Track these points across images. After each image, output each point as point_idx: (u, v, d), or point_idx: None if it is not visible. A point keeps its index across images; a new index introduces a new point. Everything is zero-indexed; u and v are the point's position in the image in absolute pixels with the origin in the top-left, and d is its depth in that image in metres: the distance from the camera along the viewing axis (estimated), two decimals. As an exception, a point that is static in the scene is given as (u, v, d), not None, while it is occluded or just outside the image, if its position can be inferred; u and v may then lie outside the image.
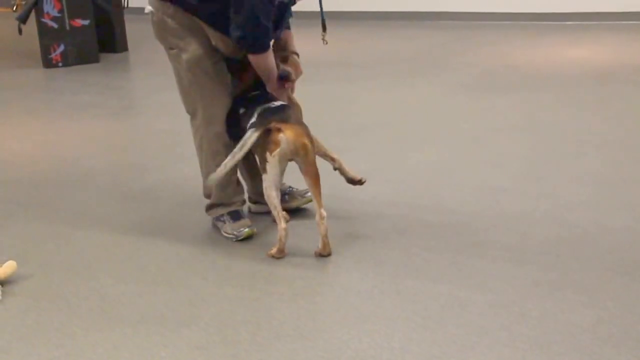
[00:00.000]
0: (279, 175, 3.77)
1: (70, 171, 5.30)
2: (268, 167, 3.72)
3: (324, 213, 3.75)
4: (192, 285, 3.60)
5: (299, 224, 4.16)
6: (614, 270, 3.56)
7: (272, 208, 3.78)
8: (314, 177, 3.77)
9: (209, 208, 4.19)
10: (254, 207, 4.39)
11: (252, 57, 3.86)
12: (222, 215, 4.11)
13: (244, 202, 4.23)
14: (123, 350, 3.07)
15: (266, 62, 3.89)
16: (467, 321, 3.18)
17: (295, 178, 4.18)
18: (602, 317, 3.17)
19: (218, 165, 3.84)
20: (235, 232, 4.03)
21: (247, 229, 4.04)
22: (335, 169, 4.21)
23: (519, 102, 6.67)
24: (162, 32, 3.96)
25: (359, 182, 4.25)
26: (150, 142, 5.93)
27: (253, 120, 3.78)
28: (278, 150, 3.68)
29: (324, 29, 4.18)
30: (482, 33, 10.33)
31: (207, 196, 4.19)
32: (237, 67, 4.04)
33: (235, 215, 4.07)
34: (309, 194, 4.19)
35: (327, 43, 4.17)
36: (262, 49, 3.83)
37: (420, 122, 6.18)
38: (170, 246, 4.02)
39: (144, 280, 3.65)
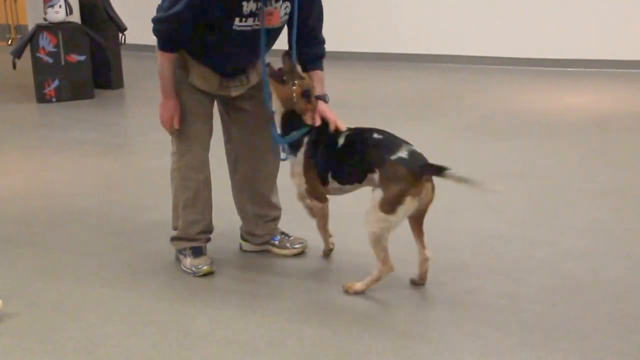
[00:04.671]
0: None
1: (62, 208, 5.25)
2: (400, 209, 3.65)
3: (428, 254, 3.88)
4: (181, 327, 3.54)
5: (294, 273, 4.13)
6: (609, 320, 3.52)
7: (379, 254, 3.77)
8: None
9: (173, 239, 4.24)
10: (244, 245, 4.40)
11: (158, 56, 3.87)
12: (185, 249, 4.16)
13: (208, 239, 4.24)
14: (109, 394, 3.02)
15: (161, 65, 3.86)
16: (460, 370, 3.12)
17: (288, 225, 4.14)
18: (598, 368, 3.12)
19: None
20: (193, 268, 4.07)
21: (206, 267, 4.08)
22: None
23: (518, 147, 6.66)
24: None
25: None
26: (143, 181, 5.91)
27: (403, 156, 3.75)
28: (419, 197, 3.67)
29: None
30: (481, 77, 10.36)
31: (174, 228, 4.23)
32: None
33: (197, 252, 4.10)
34: (298, 245, 4.30)
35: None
36: (161, 46, 3.81)
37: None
38: (160, 287, 3.98)
39: (132, 321, 3.60)
